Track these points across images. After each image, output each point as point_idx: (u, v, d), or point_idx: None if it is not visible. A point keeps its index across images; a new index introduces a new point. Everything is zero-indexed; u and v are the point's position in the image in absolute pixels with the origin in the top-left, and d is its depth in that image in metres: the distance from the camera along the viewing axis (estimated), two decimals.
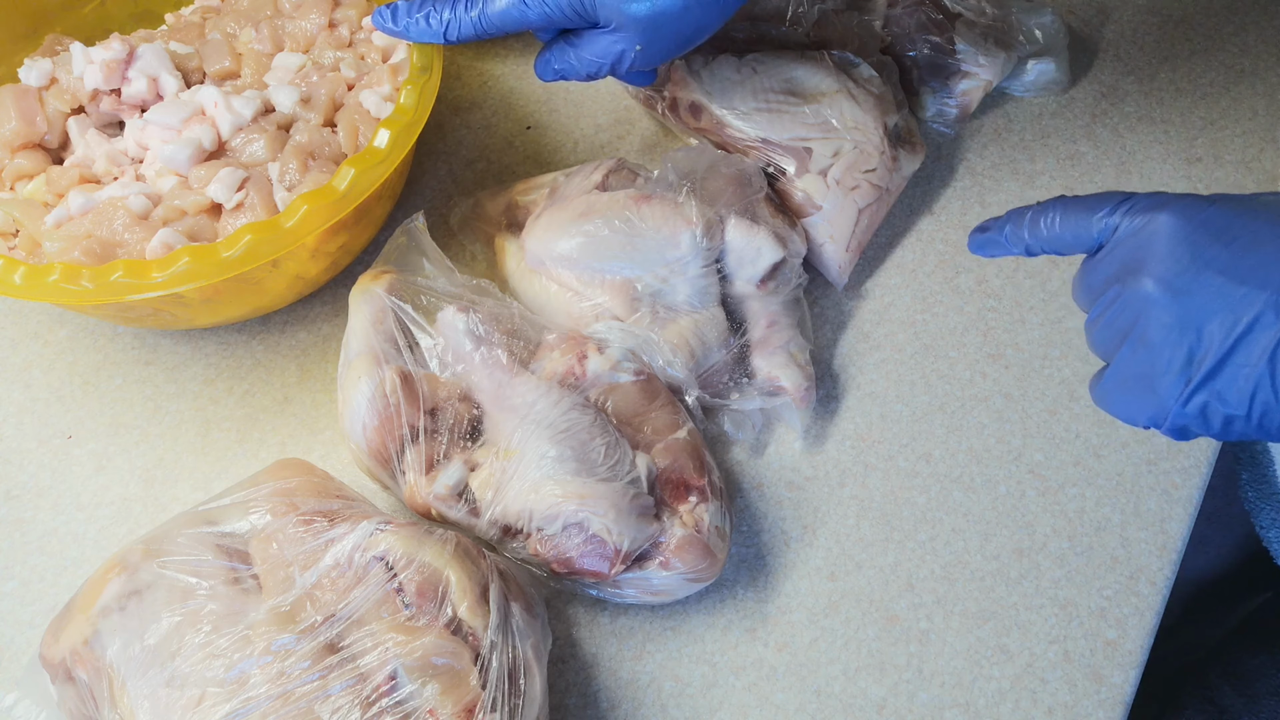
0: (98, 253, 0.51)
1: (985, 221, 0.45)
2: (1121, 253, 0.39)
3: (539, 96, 0.73)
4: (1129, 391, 0.39)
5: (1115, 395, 0.40)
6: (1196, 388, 0.37)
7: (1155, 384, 0.38)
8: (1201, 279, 0.37)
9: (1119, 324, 0.39)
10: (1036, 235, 0.42)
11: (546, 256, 0.56)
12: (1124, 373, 0.39)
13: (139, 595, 0.42)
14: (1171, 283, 0.37)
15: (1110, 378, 0.40)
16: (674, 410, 0.52)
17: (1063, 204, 0.41)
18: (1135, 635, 0.52)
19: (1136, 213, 0.39)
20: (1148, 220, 0.38)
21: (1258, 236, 0.36)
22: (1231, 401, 0.37)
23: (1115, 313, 0.39)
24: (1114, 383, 0.40)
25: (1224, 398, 0.37)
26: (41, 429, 0.58)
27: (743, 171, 0.59)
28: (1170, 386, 0.38)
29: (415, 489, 0.49)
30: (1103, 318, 0.40)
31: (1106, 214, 0.40)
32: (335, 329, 0.61)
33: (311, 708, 0.39)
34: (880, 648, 0.51)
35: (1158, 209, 0.38)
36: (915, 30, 0.69)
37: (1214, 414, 0.37)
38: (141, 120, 0.57)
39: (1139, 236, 0.38)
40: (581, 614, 0.52)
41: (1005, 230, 0.43)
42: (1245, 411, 0.37)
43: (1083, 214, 0.40)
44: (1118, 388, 0.40)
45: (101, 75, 0.57)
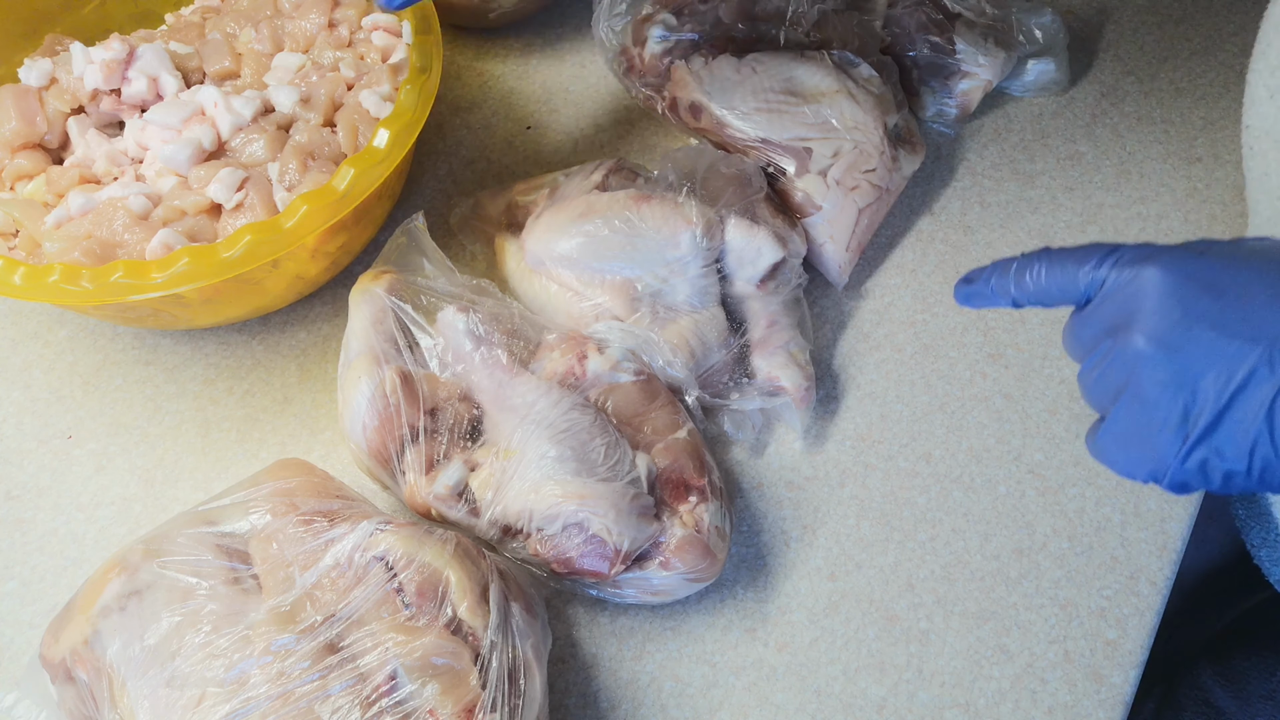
0: (97, 253, 0.51)
1: (970, 272, 0.44)
2: (1110, 307, 0.39)
3: (539, 96, 0.73)
4: (1126, 447, 0.39)
5: (1113, 451, 0.40)
6: (1195, 444, 0.37)
7: (1153, 440, 0.38)
8: (1193, 334, 0.36)
9: (1112, 380, 0.39)
10: (1022, 288, 0.42)
11: (546, 256, 0.56)
12: (1120, 428, 0.39)
13: (139, 595, 0.42)
14: (1163, 339, 0.37)
15: (1106, 433, 0.40)
16: (674, 410, 0.52)
17: (1048, 256, 0.41)
18: (1135, 635, 0.52)
19: (1124, 265, 0.38)
20: (1135, 274, 0.38)
21: (1247, 289, 0.36)
22: (1230, 457, 0.36)
23: (1108, 368, 0.39)
24: (1110, 438, 0.39)
25: (1223, 453, 0.36)
26: (41, 429, 0.58)
27: (743, 171, 0.59)
28: (1168, 443, 0.37)
29: (415, 489, 0.49)
30: (1095, 372, 0.39)
31: (1093, 267, 0.39)
32: (335, 329, 0.61)
33: (311, 708, 0.39)
34: (880, 648, 0.51)
35: (1145, 262, 0.38)
36: (915, 30, 0.69)
37: (1214, 469, 0.37)
38: (141, 120, 0.57)
39: (1127, 291, 0.38)
40: (581, 614, 0.52)
41: (990, 282, 0.43)
42: (1245, 467, 0.36)
43: (1069, 267, 0.40)
44: (1114, 443, 0.39)
45: (101, 75, 0.57)
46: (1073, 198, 0.68)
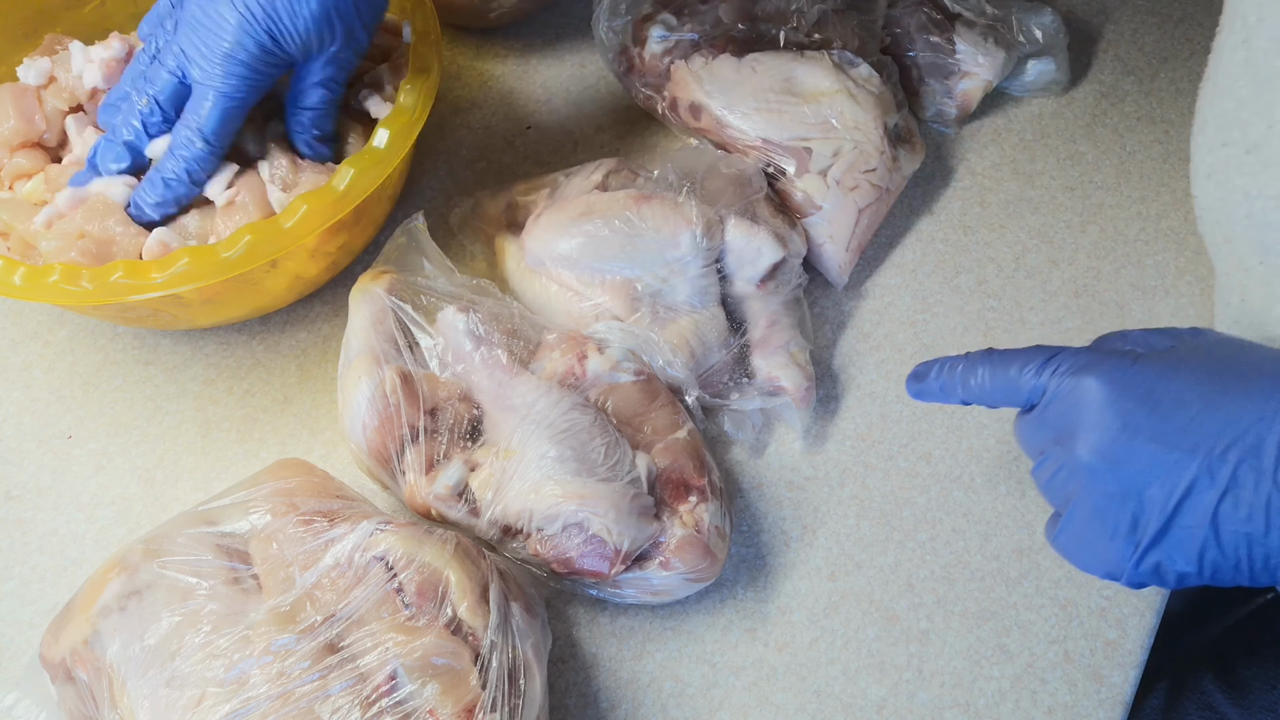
0: (94, 252, 0.51)
1: (920, 366, 0.45)
2: (1053, 417, 0.40)
3: (539, 96, 0.73)
4: (1082, 549, 0.41)
5: (1070, 549, 0.41)
6: (1146, 550, 0.38)
7: (1106, 546, 0.39)
8: (1134, 447, 0.37)
9: (1062, 487, 0.40)
10: (968, 390, 0.43)
11: (546, 256, 0.56)
12: (1075, 531, 0.40)
13: (139, 595, 0.42)
14: (1106, 452, 0.38)
15: (1063, 532, 0.41)
16: (674, 410, 0.52)
17: (990, 360, 0.42)
18: (1135, 635, 0.52)
19: (1063, 375, 0.40)
20: (1075, 384, 0.39)
21: (1181, 398, 0.37)
22: (1180, 561, 0.38)
23: (1057, 474, 0.40)
24: (1067, 538, 0.41)
25: (1173, 557, 0.38)
26: (41, 429, 0.58)
27: (743, 171, 0.59)
28: (1121, 549, 0.39)
29: (415, 489, 0.49)
30: (1046, 474, 0.41)
31: (1034, 374, 0.41)
32: (335, 329, 0.61)
33: (311, 708, 0.39)
34: (880, 648, 0.51)
35: (1083, 373, 0.39)
36: (915, 30, 0.69)
37: (1167, 572, 0.38)
38: None
39: (1067, 402, 0.39)
40: (581, 614, 0.52)
41: (939, 380, 0.44)
42: (1196, 569, 0.38)
43: (1011, 371, 0.41)
44: (1071, 543, 0.41)
45: (101, 74, 0.57)
46: (1073, 198, 0.68)
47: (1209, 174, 0.44)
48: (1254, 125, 0.40)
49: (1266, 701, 0.66)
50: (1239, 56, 0.41)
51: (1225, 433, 0.36)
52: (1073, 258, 0.65)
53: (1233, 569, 0.38)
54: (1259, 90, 0.39)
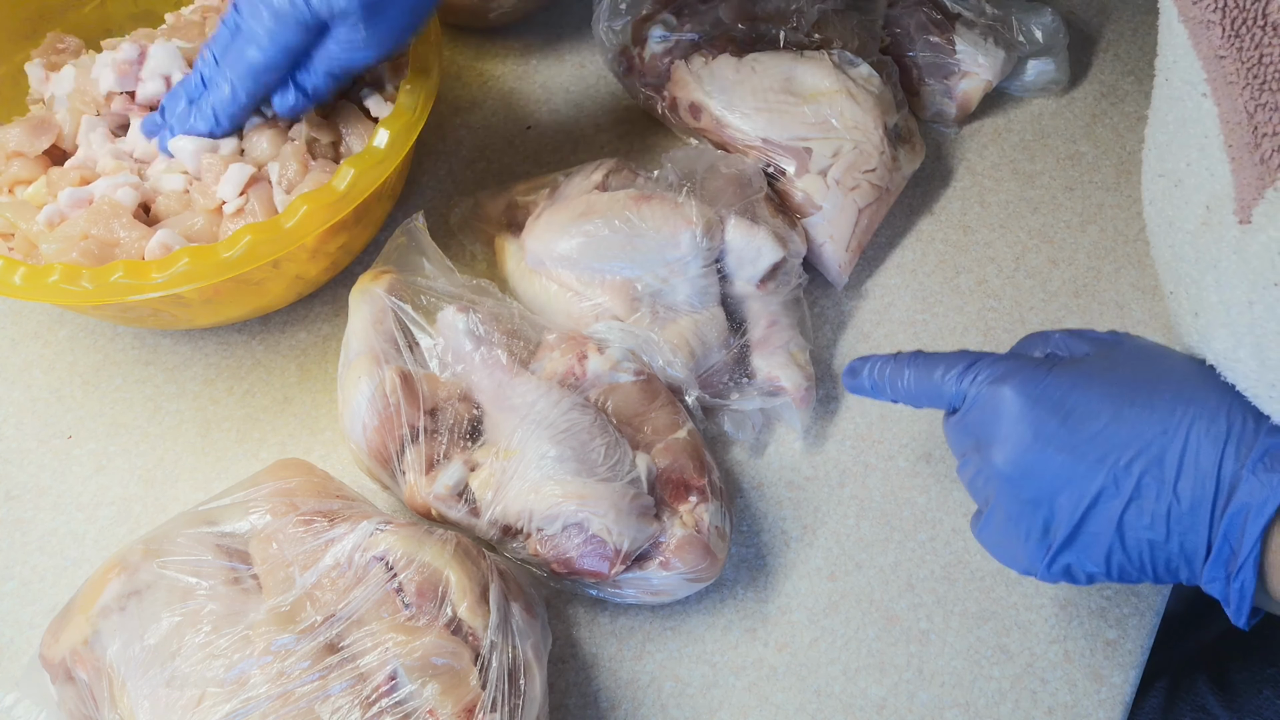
0: (95, 253, 0.51)
1: (855, 362, 0.47)
2: (972, 423, 0.42)
3: (539, 96, 0.73)
4: (1001, 546, 0.43)
5: (991, 545, 0.44)
6: (1056, 553, 0.40)
7: (1020, 546, 0.41)
8: (1044, 457, 0.39)
9: (981, 489, 0.42)
10: (895, 390, 0.45)
11: (546, 256, 0.56)
12: (993, 529, 0.43)
13: (139, 595, 0.42)
14: (1018, 461, 0.40)
15: (984, 529, 0.43)
16: (674, 410, 0.52)
17: (916, 364, 0.44)
18: (1135, 635, 0.52)
19: (982, 384, 0.42)
20: (991, 393, 0.41)
21: (1090, 409, 0.39)
22: (1089, 563, 0.40)
23: (976, 476, 0.42)
24: (987, 534, 0.43)
25: (1082, 560, 0.40)
26: (41, 429, 0.58)
27: (743, 171, 0.59)
28: (1034, 550, 0.41)
29: (415, 489, 0.49)
30: (967, 475, 0.43)
31: (955, 380, 0.42)
32: (335, 329, 0.61)
33: (311, 708, 0.39)
34: (880, 648, 0.51)
35: (1000, 382, 0.41)
36: (915, 30, 0.69)
37: (1077, 572, 0.41)
38: None
39: (985, 410, 0.41)
40: (581, 614, 0.52)
41: (871, 379, 0.46)
42: (1104, 570, 0.40)
43: (935, 377, 0.43)
44: (991, 540, 0.43)
45: (115, 76, 0.58)
46: (1073, 198, 0.68)
47: (1150, 201, 0.45)
48: (1178, 160, 0.41)
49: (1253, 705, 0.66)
50: (1164, 92, 0.42)
51: (1131, 444, 0.38)
52: (1073, 258, 0.65)
53: (1138, 570, 0.40)
54: (1179, 129, 0.41)
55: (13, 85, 0.62)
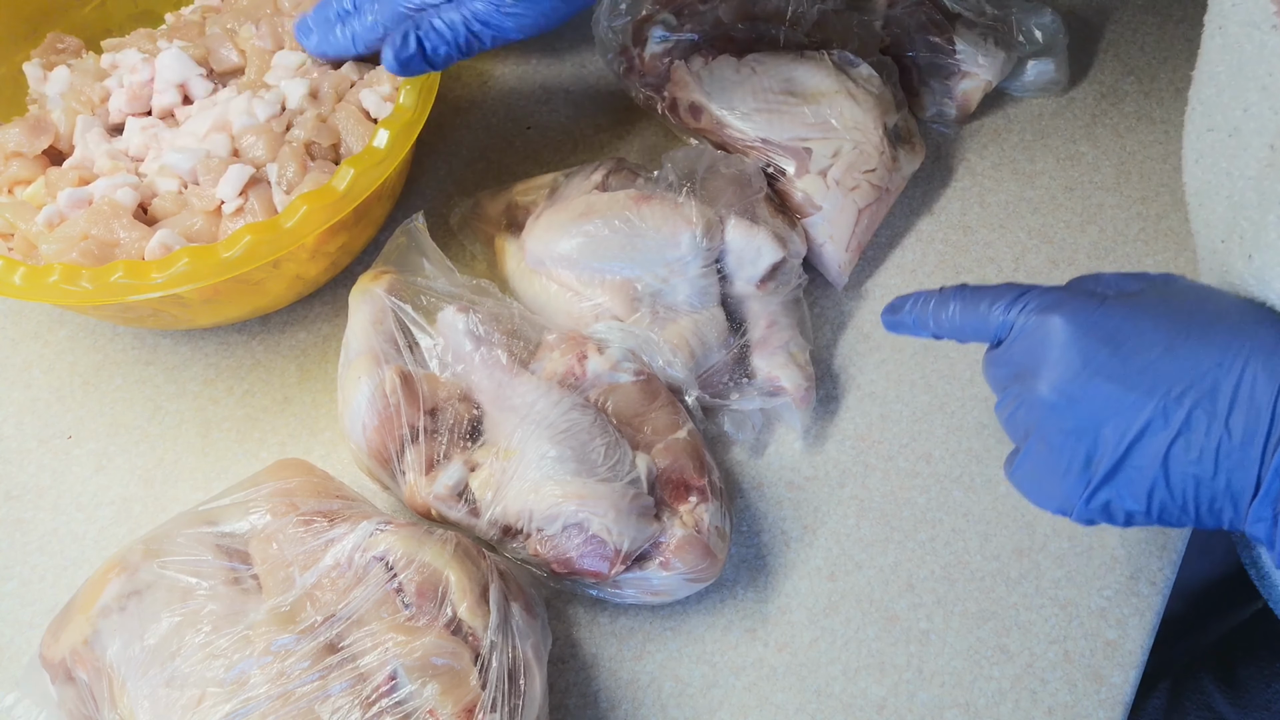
0: (95, 253, 0.51)
1: (896, 300, 0.46)
2: (1018, 353, 0.41)
3: (539, 96, 0.73)
4: (1037, 483, 0.41)
5: (1026, 484, 0.42)
6: (1097, 487, 0.39)
7: (1059, 481, 0.40)
8: (1092, 386, 0.38)
9: (1022, 422, 0.41)
10: (939, 324, 0.44)
11: (546, 256, 0.56)
12: (1031, 466, 0.41)
13: (139, 595, 0.42)
14: (1065, 389, 0.39)
15: (1020, 466, 0.42)
16: (674, 410, 0.52)
17: (962, 296, 0.43)
18: (1135, 635, 0.52)
19: (1030, 312, 0.40)
20: (1041, 322, 0.40)
21: (1143, 340, 0.38)
22: (1130, 499, 0.38)
23: (1017, 409, 0.41)
24: (1023, 472, 0.42)
25: (1123, 496, 0.38)
26: (41, 429, 0.58)
27: (743, 171, 0.59)
28: (1073, 485, 0.39)
29: (415, 489, 0.49)
30: (1007, 410, 0.42)
31: (1003, 310, 0.41)
32: (335, 329, 0.61)
33: (311, 708, 0.39)
34: (880, 648, 0.51)
35: (1050, 310, 0.40)
36: (915, 30, 0.69)
37: (1116, 510, 0.39)
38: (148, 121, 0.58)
39: (1033, 338, 0.40)
40: (581, 614, 0.52)
41: (912, 314, 0.45)
42: (1144, 508, 0.38)
43: (981, 307, 0.42)
44: (1027, 478, 0.42)
45: (126, 99, 0.58)
46: (1073, 198, 0.68)
47: (1197, 159, 0.44)
48: (1232, 109, 0.41)
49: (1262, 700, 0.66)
50: (1216, 42, 0.41)
51: (1183, 376, 0.37)
52: (1073, 258, 0.65)
53: (1179, 510, 0.38)
54: (1234, 75, 0.40)
55: (13, 85, 0.62)
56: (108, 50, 0.63)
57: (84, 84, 0.59)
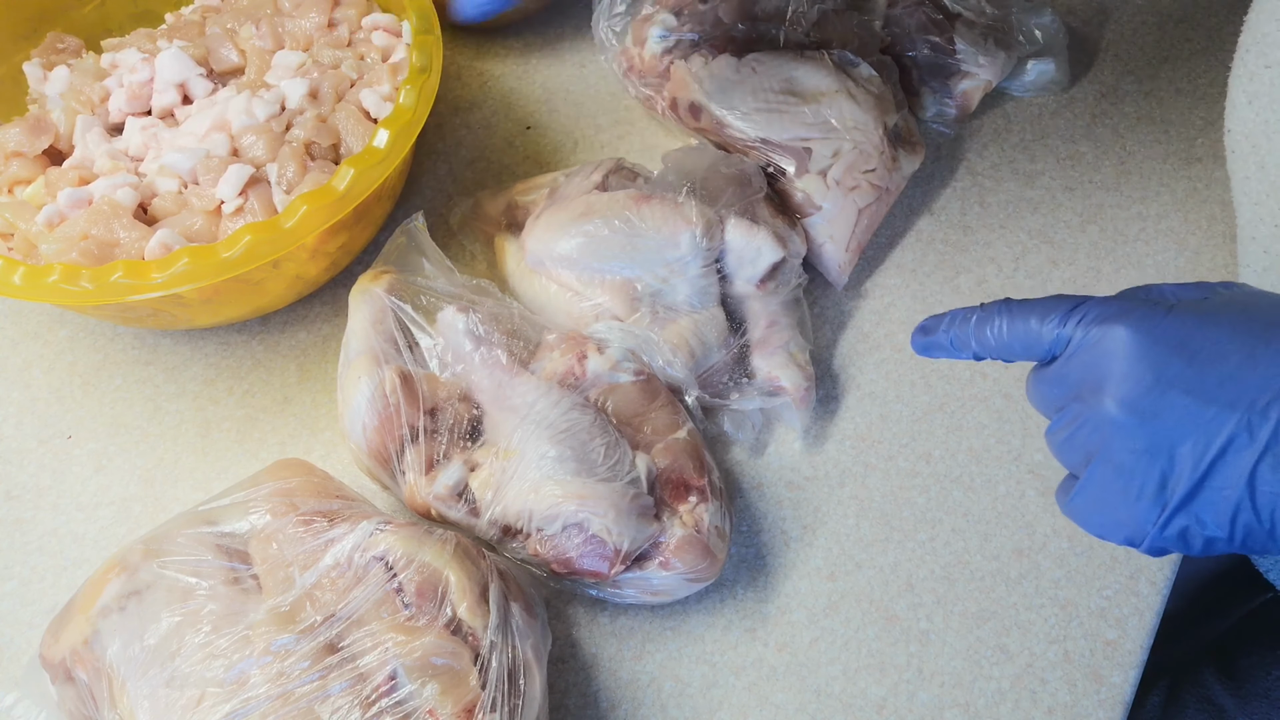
0: (95, 253, 0.51)
1: (927, 320, 0.42)
2: (1077, 368, 0.37)
3: (539, 96, 0.73)
4: (1101, 512, 0.38)
5: (1087, 513, 0.39)
6: (1174, 512, 0.36)
7: (1129, 507, 0.37)
8: (1167, 400, 0.35)
9: (1084, 444, 0.38)
10: (983, 343, 0.40)
11: (546, 256, 0.56)
12: (1094, 493, 0.38)
13: (139, 595, 0.42)
14: (1136, 405, 0.35)
15: (1080, 495, 0.38)
16: (674, 410, 0.52)
17: (1009, 310, 0.39)
18: (1135, 635, 0.52)
19: (1090, 324, 0.37)
20: (1103, 334, 0.36)
21: (1220, 349, 0.35)
22: (1210, 525, 0.35)
23: (1077, 431, 0.38)
24: (1085, 501, 0.38)
25: (1203, 521, 0.35)
26: (41, 429, 0.58)
27: (743, 171, 0.59)
28: (1145, 511, 0.36)
29: (415, 489, 0.49)
30: (1064, 433, 0.38)
31: (1057, 324, 0.38)
32: (335, 329, 0.61)
33: (311, 708, 0.39)
34: (880, 648, 0.51)
35: (1112, 321, 0.36)
36: (915, 30, 0.69)
37: (1194, 536, 0.36)
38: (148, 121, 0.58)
39: (1095, 352, 0.37)
40: (581, 614, 0.52)
41: (950, 333, 0.41)
42: (1227, 534, 0.35)
43: (1032, 321, 0.38)
44: (1089, 506, 0.38)
45: (125, 98, 0.58)
46: (1073, 198, 0.68)
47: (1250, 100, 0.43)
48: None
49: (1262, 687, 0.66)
50: None
51: (1268, 386, 0.34)
52: (1073, 258, 0.65)
53: (1266, 535, 0.35)
54: None
55: (13, 85, 0.62)
56: (108, 50, 0.63)
57: (84, 84, 0.59)
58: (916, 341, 0.43)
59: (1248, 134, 0.45)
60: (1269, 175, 0.43)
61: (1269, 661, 0.67)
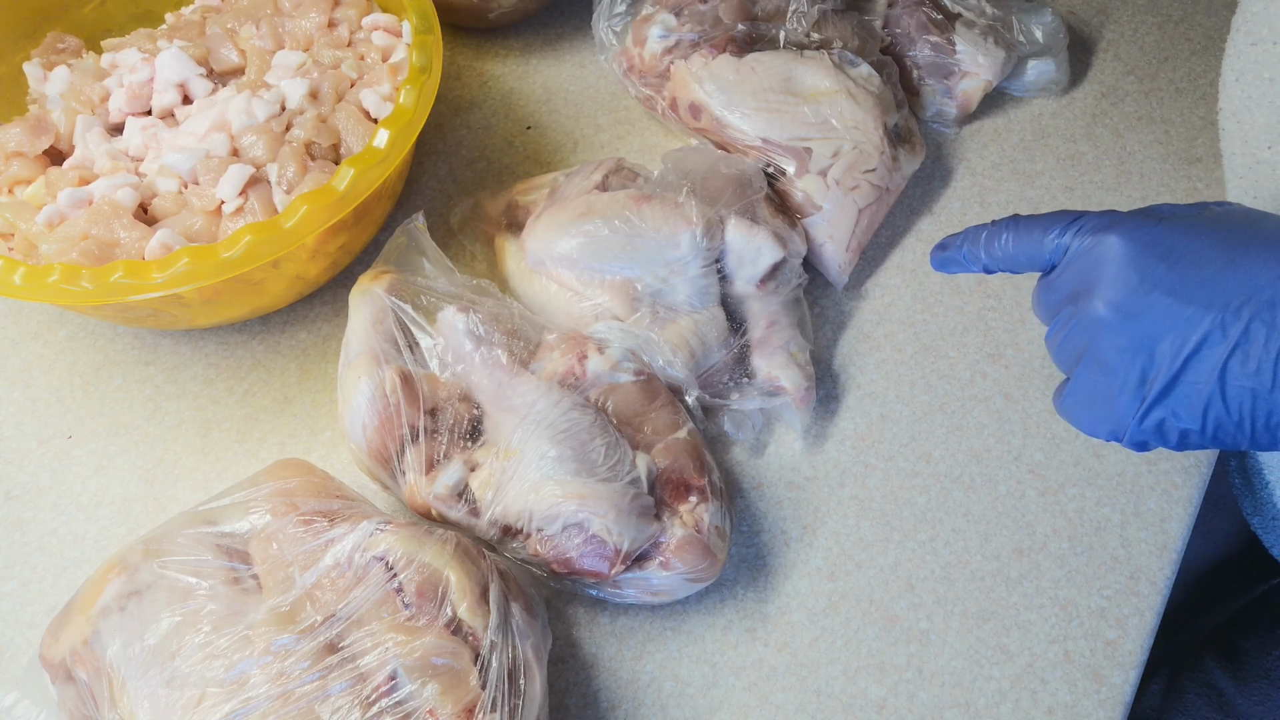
0: (95, 253, 0.51)
1: (945, 239, 0.46)
2: (1073, 274, 0.40)
3: (539, 96, 0.73)
4: (1089, 407, 0.41)
5: (1076, 410, 0.42)
6: (1151, 405, 0.38)
7: (1112, 402, 0.39)
8: (1149, 300, 0.38)
9: (1074, 344, 0.40)
10: (992, 254, 0.43)
11: (546, 256, 0.56)
12: (1082, 390, 0.41)
13: (139, 595, 0.42)
14: (1121, 305, 0.38)
15: (1070, 393, 0.41)
16: (674, 410, 0.52)
17: (1015, 224, 0.43)
18: (1135, 635, 0.52)
19: (1086, 233, 0.40)
20: (1096, 242, 0.39)
21: (1201, 255, 0.38)
22: (1185, 417, 0.38)
23: (1070, 332, 0.40)
24: (1074, 399, 0.41)
25: (1178, 414, 0.38)
26: (41, 429, 0.58)
27: (743, 171, 0.59)
28: (1127, 405, 0.39)
29: (415, 489, 0.49)
30: (1059, 335, 0.41)
31: (1058, 234, 0.41)
32: (335, 329, 0.61)
33: (311, 708, 0.39)
34: (880, 648, 0.51)
35: (1106, 230, 0.39)
36: (915, 30, 0.69)
37: (1170, 429, 0.39)
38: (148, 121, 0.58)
39: (1089, 258, 0.40)
40: (581, 614, 0.52)
41: (963, 249, 0.45)
42: (1199, 426, 0.38)
43: (1035, 234, 0.42)
44: (1078, 403, 0.41)
45: (126, 98, 0.58)
46: (1073, 198, 0.68)
47: (1237, 77, 0.46)
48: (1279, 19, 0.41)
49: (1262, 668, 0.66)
50: None
51: (1242, 289, 0.36)
52: None
53: (1235, 426, 0.38)
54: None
55: (13, 85, 0.62)
56: (108, 50, 0.63)
57: (84, 84, 0.59)
58: (935, 258, 0.46)
59: (1234, 111, 0.46)
60: (1251, 149, 0.45)
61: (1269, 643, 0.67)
